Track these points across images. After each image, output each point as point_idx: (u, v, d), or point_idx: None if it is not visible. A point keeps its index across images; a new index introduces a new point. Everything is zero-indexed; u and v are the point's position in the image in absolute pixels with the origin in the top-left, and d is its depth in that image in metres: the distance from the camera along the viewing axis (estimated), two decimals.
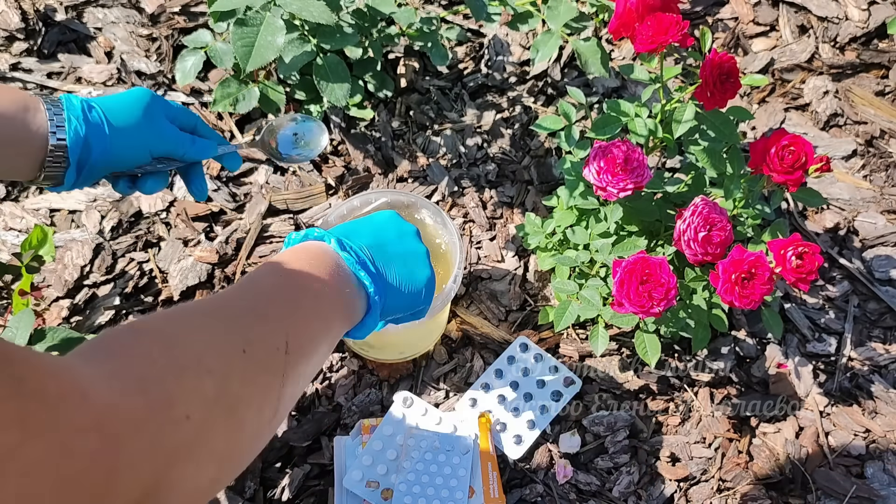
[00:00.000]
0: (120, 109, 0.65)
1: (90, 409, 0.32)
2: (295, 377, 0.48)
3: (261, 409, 0.44)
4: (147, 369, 0.37)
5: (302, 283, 0.52)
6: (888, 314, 1.00)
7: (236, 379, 0.42)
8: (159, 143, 0.68)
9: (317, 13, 0.86)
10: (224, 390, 0.40)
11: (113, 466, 0.32)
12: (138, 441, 0.34)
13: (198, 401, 0.38)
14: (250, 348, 0.44)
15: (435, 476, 0.84)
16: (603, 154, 0.80)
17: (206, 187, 0.74)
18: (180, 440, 0.36)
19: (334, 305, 0.54)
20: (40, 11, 1.21)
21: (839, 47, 1.22)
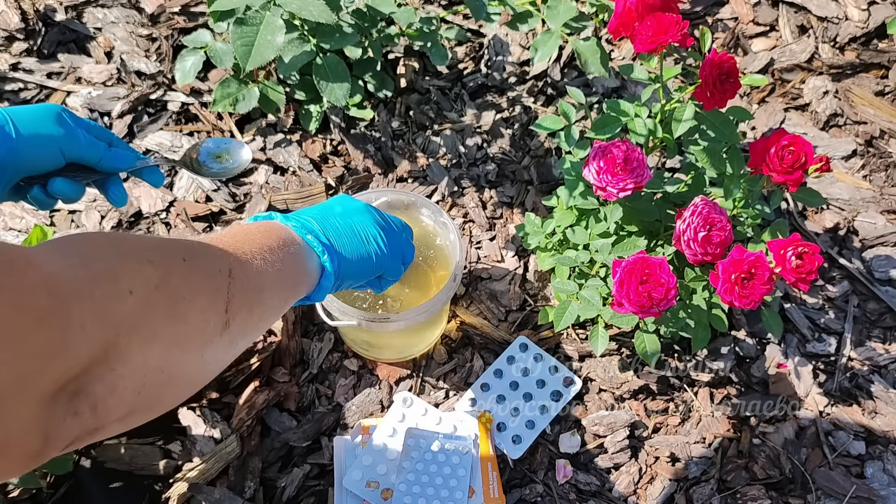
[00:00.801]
0: (28, 114, 0.64)
1: (37, 272, 0.34)
2: (243, 301, 0.49)
3: (205, 311, 0.45)
4: (91, 251, 0.39)
5: (246, 237, 0.55)
6: (888, 314, 1.00)
7: (178, 275, 0.43)
8: (72, 147, 0.66)
9: (316, 13, 0.86)
10: (166, 280, 0.41)
11: (63, 325, 0.34)
12: (85, 305, 0.35)
13: (140, 281, 0.40)
14: (190, 260, 0.45)
15: (435, 476, 0.84)
16: (603, 154, 0.80)
17: (125, 193, 0.73)
18: (125, 312, 0.38)
19: (284, 261, 0.57)
20: (40, 11, 1.21)
21: (839, 47, 1.22)
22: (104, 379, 0.37)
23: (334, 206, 0.69)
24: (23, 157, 0.63)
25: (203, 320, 0.45)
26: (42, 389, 0.33)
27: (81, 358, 0.35)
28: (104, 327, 0.36)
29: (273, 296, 0.54)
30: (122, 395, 0.38)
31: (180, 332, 0.43)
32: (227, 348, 0.49)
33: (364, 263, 0.66)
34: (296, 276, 0.59)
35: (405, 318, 0.81)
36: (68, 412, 0.35)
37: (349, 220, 0.67)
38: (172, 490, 0.86)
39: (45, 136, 0.64)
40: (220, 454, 0.87)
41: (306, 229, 0.62)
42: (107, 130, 0.71)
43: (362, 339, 0.93)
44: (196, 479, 0.86)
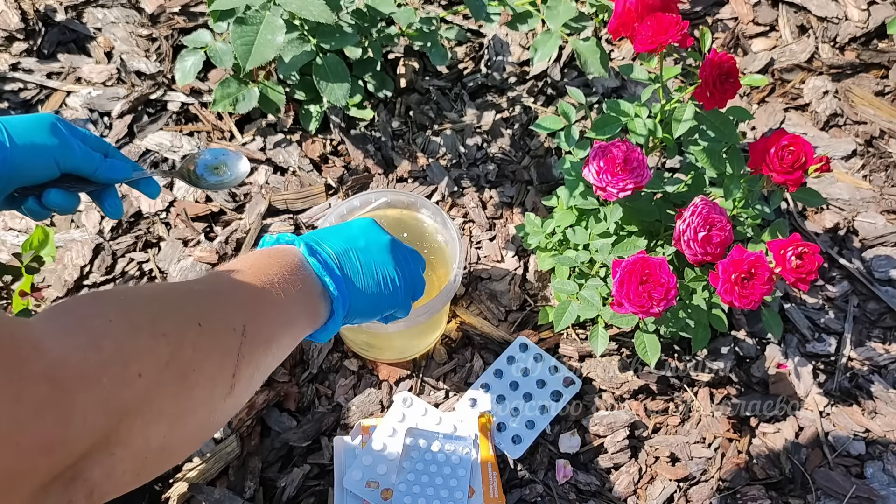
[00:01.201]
0: (23, 123, 0.63)
1: (41, 359, 0.33)
2: (251, 360, 0.48)
3: (213, 379, 0.44)
4: (102, 327, 0.38)
5: (265, 278, 0.53)
6: (888, 314, 1.00)
7: (189, 347, 0.42)
8: (67, 157, 0.65)
9: (316, 12, 0.86)
10: (177, 355, 0.41)
11: (64, 416, 0.33)
12: (90, 394, 0.34)
13: (151, 361, 0.39)
14: (206, 323, 0.44)
15: (435, 476, 0.84)
16: (603, 154, 0.80)
17: (120, 206, 0.72)
18: (131, 397, 0.37)
19: (296, 303, 0.55)
20: (40, 11, 1.21)
21: (839, 47, 1.22)
22: (102, 463, 0.36)
23: (358, 238, 0.66)
24: (17, 166, 0.62)
25: (210, 389, 0.44)
26: (35, 483, 0.32)
27: (80, 448, 0.34)
28: (108, 416, 0.35)
29: (280, 347, 0.53)
30: (120, 478, 0.37)
31: (186, 406, 0.42)
32: (230, 409, 0.48)
33: (376, 305, 0.65)
34: (304, 321, 0.57)
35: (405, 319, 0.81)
36: (62, 501, 0.34)
37: (370, 259, 0.65)
38: (172, 490, 0.86)
39: (39, 146, 0.63)
40: (219, 454, 0.87)
41: (326, 268, 0.60)
42: (103, 141, 0.71)
43: (362, 340, 0.93)
44: (196, 478, 0.86)
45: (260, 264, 0.55)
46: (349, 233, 0.66)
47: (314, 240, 0.62)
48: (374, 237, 0.67)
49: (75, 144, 0.66)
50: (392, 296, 0.66)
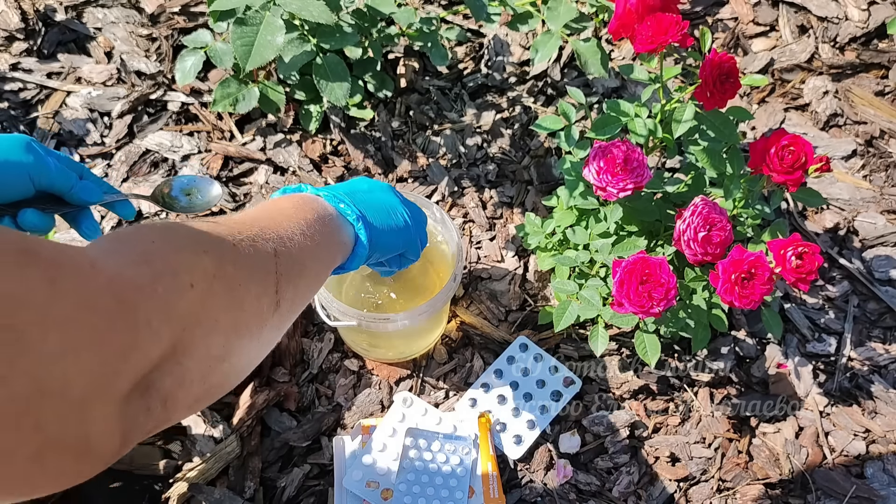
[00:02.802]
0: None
1: (100, 274, 0.34)
2: (289, 280, 0.50)
3: (258, 296, 0.46)
4: (147, 246, 0.40)
5: (286, 212, 0.55)
6: (888, 314, 1.00)
7: (230, 264, 0.44)
8: (42, 174, 0.65)
9: (316, 13, 0.86)
10: (221, 270, 0.42)
11: (132, 324, 0.35)
12: (150, 303, 0.36)
13: (199, 273, 0.40)
14: (240, 244, 0.46)
15: (435, 476, 0.84)
16: (603, 154, 0.80)
17: (97, 227, 0.72)
18: (188, 306, 0.39)
19: (322, 237, 0.57)
20: (40, 11, 1.21)
21: (839, 47, 1.22)
22: (173, 372, 0.38)
23: (360, 184, 0.70)
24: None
25: (258, 305, 0.46)
26: (118, 390, 0.34)
27: (152, 354, 0.36)
28: (170, 322, 0.37)
29: (313, 268, 0.55)
30: (189, 386, 0.39)
31: (239, 318, 0.44)
32: (278, 328, 0.50)
33: (393, 235, 0.67)
34: (332, 246, 0.60)
35: (405, 319, 0.81)
36: (141, 409, 0.36)
37: (376, 196, 0.68)
38: (172, 490, 0.86)
39: (13, 163, 0.63)
40: (220, 454, 0.87)
41: (338, 199, 0.62)
42: (77, 163, 0.71)
43: (362, 340, 0.93)
44: (196, 478, 0.86)
45: (274, 206, 0.57)
46: (351, 183, 0.70)
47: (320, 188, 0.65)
48: (374, 184, 0.71)
49: (50, 163, 0.66)
50: (405, 229, 0.68)
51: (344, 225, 0.62)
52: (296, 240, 0.53)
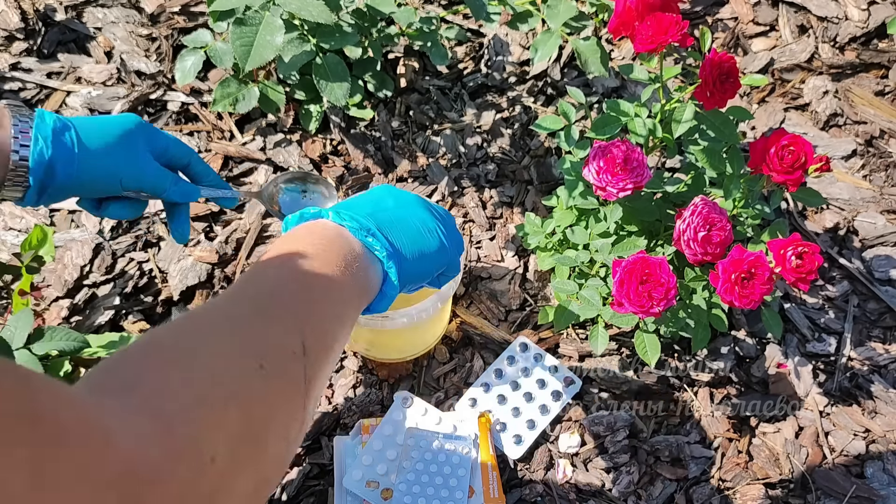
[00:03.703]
0: (98, 135, 0.61)
1: (112, 460, 0.30)
2: (316, 378, 0.45)
3: (287, 428, 0.42)
4: (170, 405, 0.35)
5: (307, 269, 0.49)
6: (888, 314, 1.00)
7: (258, 402, 0.40)
8: (133, 178, 0.63)
9: (316, 13, 0.86)
10: (248, 419, 0.38)
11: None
12: (167, 488, 0.32)
13: (223, 438, 0.36)
14: (267, 361, 0.41)
15: (435, 476, 0.84)
16: (602, 154, 0.80)
17: (187, 231, 0.70)
18: (204, 490, 0.34)
19: (346, 283, 0.51)
20: (40, 11, 1.21)
21: (839, 47, 1.22)
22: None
23: (385, 199, 0.61)
24: (83, 183, 0.61)
25: (287, 441, 0.42)
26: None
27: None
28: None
29: (342, 338, 0.50)
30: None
31: (262, 474, 0.39)
32: (303, 435, 0.45)
33: (428, 262, 0.60)
34: (360, 297, 0.53)
35: (404, 317, 0.81)
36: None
37: (405, 214, 0.60)
38: None
39: (107, 167, 0.61)
40: None
41: (364, 230, 0.55)
42: (186, 149, 0.69)
43: (363, 339, 0.93)
44: None
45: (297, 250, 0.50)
46: (373, 196, 0.61)
47: (341, 208, 0.57)
48: (399, 196, 0.62)
49: (146, 166, 0.64)
50: (440, 252, 0.60)
51: (372, 263, 0.54)
52: (324, 310, 0.47)
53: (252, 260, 1.03)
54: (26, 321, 0.79)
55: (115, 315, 0.98)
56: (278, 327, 0.44)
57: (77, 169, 0.60)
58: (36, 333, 0.79)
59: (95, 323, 0.96)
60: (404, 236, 0.58)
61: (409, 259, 0.57)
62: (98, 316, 0.97)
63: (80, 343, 0.80)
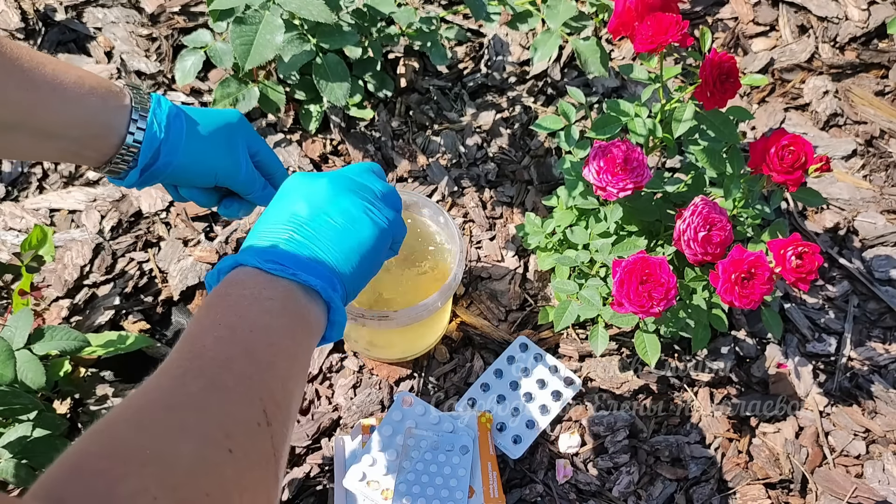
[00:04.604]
0: (204, 126, 0.63)
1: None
2: (284, 445, 0.44)
3: (262, 495, 0.41)
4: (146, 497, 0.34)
5: (247, 326, 0.46)
6: (888, 314, 1.00)
7: (234, 493, 0.39)
8: (229, 174, 0.65)
9: (316, 12, 0.86)
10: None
11: None
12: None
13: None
14: (234, 444, 0.40)
15: (435, 476, 0.84)
16: (603, 154, 0.80)
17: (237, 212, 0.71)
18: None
19: (290, 330, 0.48)
20: (40, 11, 1.21)
21: (839, 47, 1.22)
22: None
23: (298, 209, 0.54)
24: (180, 172, 0.63)
25: (256, 498, 0.41)
26: None
27: None
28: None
29: (300, 388, 0.49)
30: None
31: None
32: (278, 498, 0.45)
33: (370, 257, 0.55)
34: (308, 335, 0.50)
35: (404, 316, 0.81)
36: None
37: (327, 218, 0.54)
38: None
39: (208, 161, 0.63)
40: None
41: (290, 269, 0.50)
42: (275, 160, 0.70)
43: (363, 339, 0.93)
44: None
45: (228, 308, 0.47)
46: (285, 209, 0.55)
47: (258, 240, 0.53)
48: (311, 195, 0.55)
49: (244, 167, 0.65)
50: (377, 233, 0.55)
51: (308, 295, 0.50)
52: (280, 371, 0.45)
53: None
54: (26, 321, 0.79)
55: (115, 315, 0.98)
56: (237, 401, 0.42)
57: (181, 157, 0.61)
58: (36, 333, 0.79)
59: (95, 323, 0.96)
60: (335, 248, 0.53)
61: (348, 270, 0.53)
62: (98, 316, 0.97)
63: (81, 342, 0.80)
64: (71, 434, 0.88)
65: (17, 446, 0.75)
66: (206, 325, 0.47)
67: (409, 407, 0.89)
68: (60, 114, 0.55)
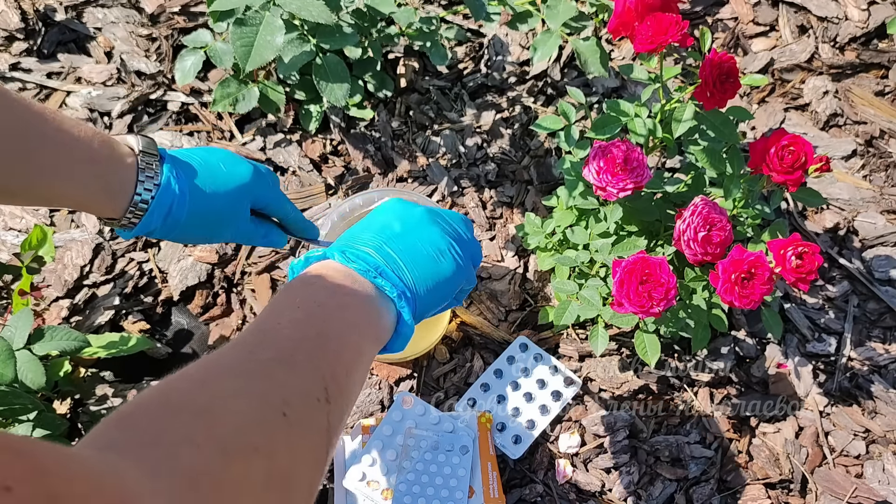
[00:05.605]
0: (212, 186, 0.64)
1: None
2: (339, 425, 0.45)
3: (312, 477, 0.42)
4: (193, 459, 0.34)
5: (323, 314, 0.48)
6: (888, 314, 1.00)
7: (283, 453, 0.39)
8: (228, 234, 0.67)
9: (316, 13, 0.86)
10: (274, 470, 0.38)
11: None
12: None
13: (248, 491, 0.36)
14: (290, 410, 0.40)
15: (435, 476, 0.84)
16: (602, 154, 0.80)
17: (282, 241, 0.74)
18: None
19: (362, 328, 0.50)
20: (40, 11, 1.21)
21: (839, 47, 1.22)
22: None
23: (391, 224, 0.58)
24: (179, 234, 0.64)
25: (309, 479, 0.41)
26: None
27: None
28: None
29: (360, 382, 0.50)
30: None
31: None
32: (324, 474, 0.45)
33: (443, 289, 0.57)
34: (375, 341, 0.52)
35: None
36: None
37: (416, 240, 0.57)
38: None
39: (206, 228, 0.65)
40: None
41: (374, 270, 0.53)
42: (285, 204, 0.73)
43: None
44: None
45: (309, 295, 0.50)
46: (379, 222, 0.58)
47: (347, 243, 0.56)
48: (406, 216, 0.59)
49: (243, 226, 0.68)
50: (455, 271, 0.58)
51: (384, 303, 0.53)
52: (345, 359, 0.47)
53: (252, 260, 1.03)
54: (26, 321, 0.79)
55: (115, 315, 0.98)
56: (301, 375, 0.43)
57: (180, 230, 0.63)
58: (36, 333, 0.79)
59: (95, 323, 0.96)
60: (416, 268, 0.56)
61: (422, 292, 0.55)
62: (98, 316, 0.97)
63: (81, 342, 0.80)
64: (71, 434, 0.88)
65: None
66: (284, 305, 0.49)
67: (409, 407, 0.89)
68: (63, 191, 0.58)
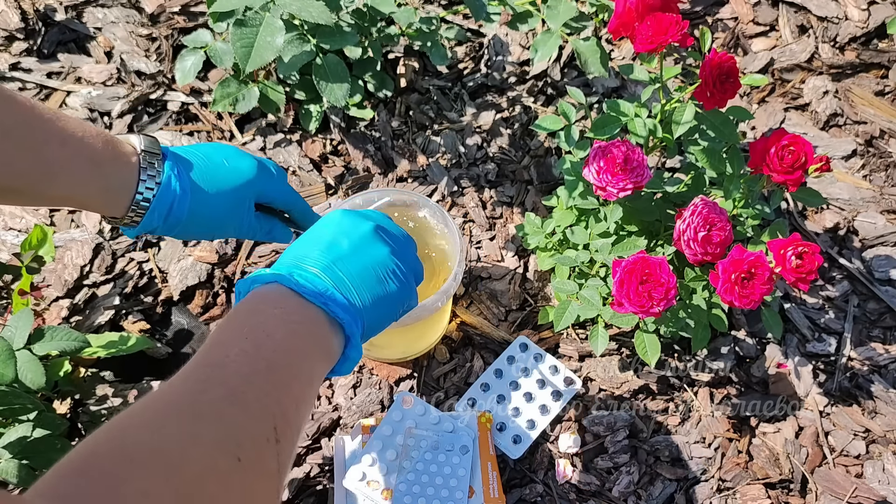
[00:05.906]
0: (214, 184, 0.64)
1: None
2: (288, 463, 0.45)
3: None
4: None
5: (272, 345, 0.47)
6: (888, 314, 1.00)
7: (239, 499, 0.40)
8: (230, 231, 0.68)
9: (316, 13, 0.86)
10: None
11: None
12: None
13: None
14: (243, 453, 0.40)
15: (435, 476, 0.84)
16: (602, 154, 0.80)
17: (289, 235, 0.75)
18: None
19: (310, 355, 0.50)
20: (40, 11, 1.21)
21: (839, 47, 1.22)
22: None
23: (339, 241, 0.57)
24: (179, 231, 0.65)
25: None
26: None
27: None
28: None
29: (307, 412, 0.49)
30: None
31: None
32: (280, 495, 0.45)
33: (389, 309, 0.58)
34: (323, 363, 0.52)
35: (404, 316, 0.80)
36: None
37: (363, 260, 0.57)
38: None
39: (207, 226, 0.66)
40: None
41: (323, 295, 0.52)
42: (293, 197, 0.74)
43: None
44: None
45: (255, 322, 0.49)
46: (327, 239, 0.57)
47: (294, 265, 0.55)
48: (355, 234, 0.58)
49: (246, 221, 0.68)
50: (400, 289, 0.58)
51: (332, 326, 0.53)
52: (294, 392, 0.47)
53: (252, 260, 1.03)
54: (26, 321, 0.79)
55: (115, 315, 0.98)
56: (252, 415, 0.43)
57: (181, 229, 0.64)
58: (36, 333, 0.79)
59: (95, 323, 0.96)
60: (364, 290, 0.55)
61: (370, 314, 0.56)
62: (98, 316, 0.97)
63: (81, 342, 0.80)
64: (71, 434, 0.88)
65: (18, 447, 0.75)
66: (232, 336, 0.48)
67: (409, 407, 0.89)
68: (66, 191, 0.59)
